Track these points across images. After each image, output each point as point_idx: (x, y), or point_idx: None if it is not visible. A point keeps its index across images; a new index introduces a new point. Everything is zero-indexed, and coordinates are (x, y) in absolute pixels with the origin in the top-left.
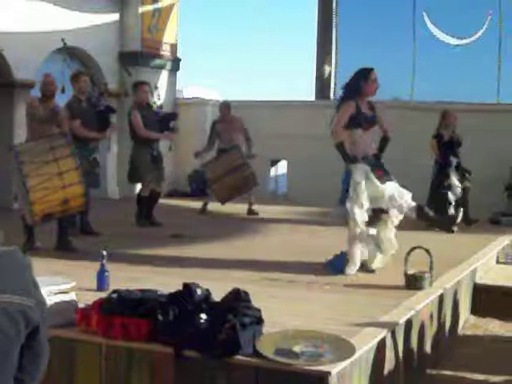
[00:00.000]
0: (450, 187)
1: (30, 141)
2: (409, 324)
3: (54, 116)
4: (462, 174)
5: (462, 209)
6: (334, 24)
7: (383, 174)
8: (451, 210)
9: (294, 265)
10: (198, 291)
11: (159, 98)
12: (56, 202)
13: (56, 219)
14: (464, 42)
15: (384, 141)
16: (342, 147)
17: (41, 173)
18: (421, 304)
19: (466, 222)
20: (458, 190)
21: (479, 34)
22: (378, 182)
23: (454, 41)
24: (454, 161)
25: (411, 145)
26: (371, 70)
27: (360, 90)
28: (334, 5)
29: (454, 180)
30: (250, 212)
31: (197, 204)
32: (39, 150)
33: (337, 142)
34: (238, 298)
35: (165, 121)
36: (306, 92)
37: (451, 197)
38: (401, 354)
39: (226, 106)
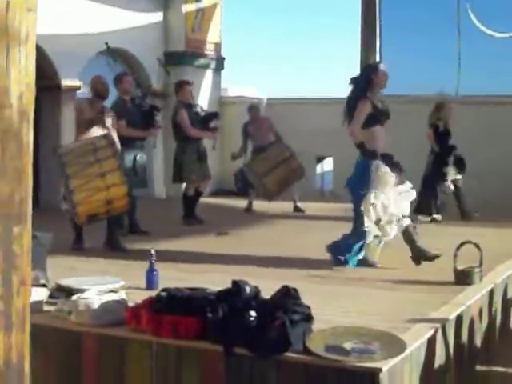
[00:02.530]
0: (445, 176)
1: (74, 142)
2: (459, 320)
3: (102, 117)
4: (460, 165)
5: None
6: (377, 21)
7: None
8: (439, 201)
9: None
10: (247, 288)
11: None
12: (99, 202)
13: (101, 220)
14: (509, 34)
15: None
16: (363, 146)
17: (84, 174)
18: (471, 299)
19: (463, 216)
20: (450, 182)
21: None
22: (391, 188)
23: (498, 34)
24: (452, 151)
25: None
26: (379, 63)
27: (371, 83)
28: (377, 2)
29: (451, 170)
30: (296, 209)
31: (242, 202)
32: (82, 152)
33: (357, 143)
34: (287, 295)
35: (206, 120)
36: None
37: (444, 187)
38: (451, 350)
39: (254, 108)
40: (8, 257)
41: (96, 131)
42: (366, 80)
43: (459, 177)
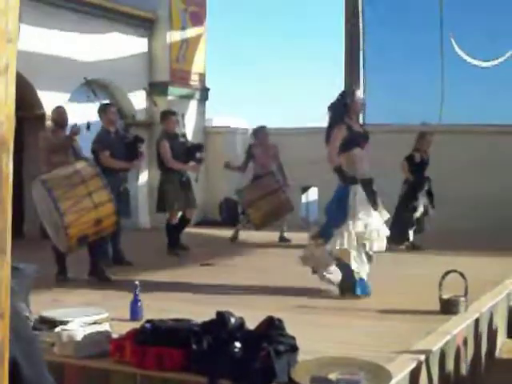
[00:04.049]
0: (415, 209)
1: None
2: (444, 350)
3: (67, 144)
4: (430, 199)
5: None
6: (361, 51)
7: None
8: (411, 232)
9: (327, 291)
10: (232, 319)
11: (184, 126)
12: (89, 223)
13: (89, 242)
14: (492, 63)
15: None
16: (340, 171)
17: (70, 195)
18: (457, 329)
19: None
20: (419, 213)
21: (508, 54)
22: (371, 210)
23: (481, 63)
24: (425, 184)
25: (443, 167)
26: (355, 89)
27: (348, 109)
28: (361, 32)
29: (421, 203)
30: (282, 239)
31: (227, 232)
32: (64, 174)
33: (334, 167)
34: (272, 326)
35: (191, 152)
36: None
37: (414, 219)
38: (436, 381)
39: (264, 132)
40: None
41: (65, 159)
42: (343, 105)
43: (431, 212)
